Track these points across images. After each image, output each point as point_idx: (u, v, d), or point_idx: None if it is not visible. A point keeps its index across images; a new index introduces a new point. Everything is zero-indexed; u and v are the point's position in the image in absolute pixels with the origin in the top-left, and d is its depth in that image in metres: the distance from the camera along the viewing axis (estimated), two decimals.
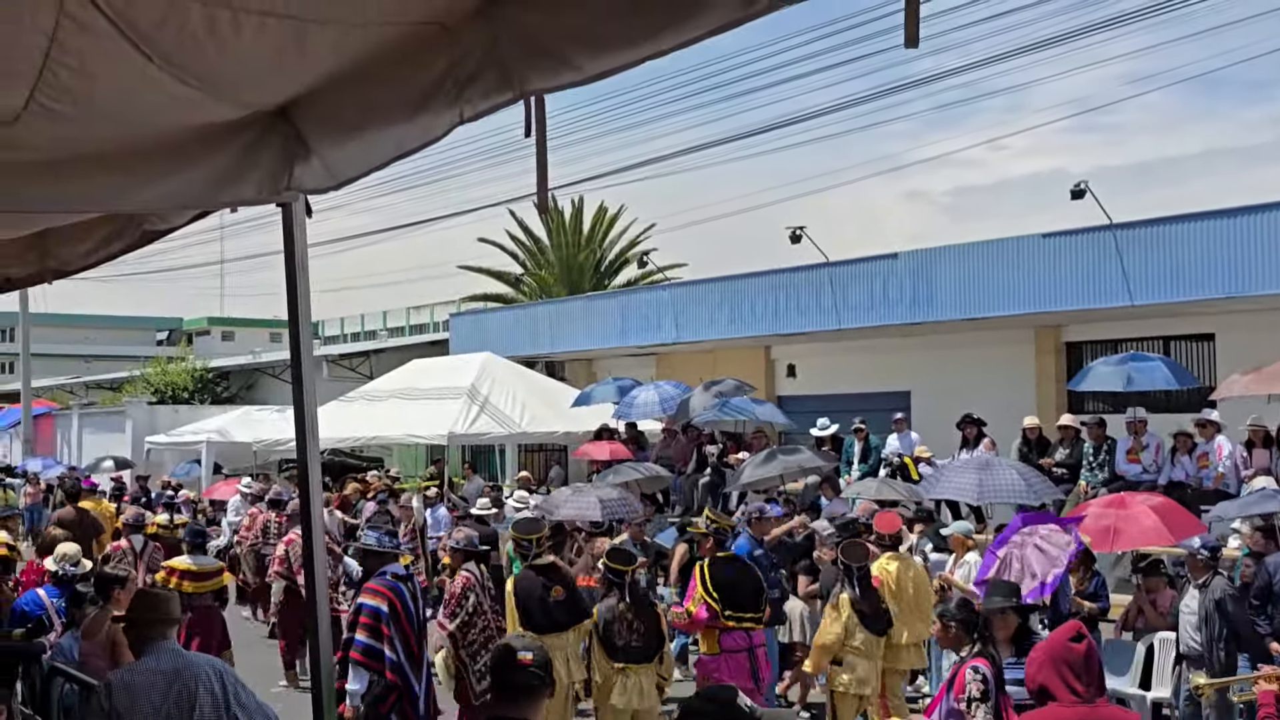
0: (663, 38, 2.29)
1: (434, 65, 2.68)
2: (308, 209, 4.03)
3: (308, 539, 4.24)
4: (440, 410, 20.66)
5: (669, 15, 2.24)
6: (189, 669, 5.35)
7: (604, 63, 2.44)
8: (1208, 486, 13.58)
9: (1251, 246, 14.65)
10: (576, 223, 38.68)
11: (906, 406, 19.77)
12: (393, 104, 2.89)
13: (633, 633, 8.55)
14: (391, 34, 2.71)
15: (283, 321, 4.69)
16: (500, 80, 2.60)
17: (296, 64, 2.90)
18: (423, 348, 30.46)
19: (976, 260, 17.53)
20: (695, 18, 2.20)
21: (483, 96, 2.66)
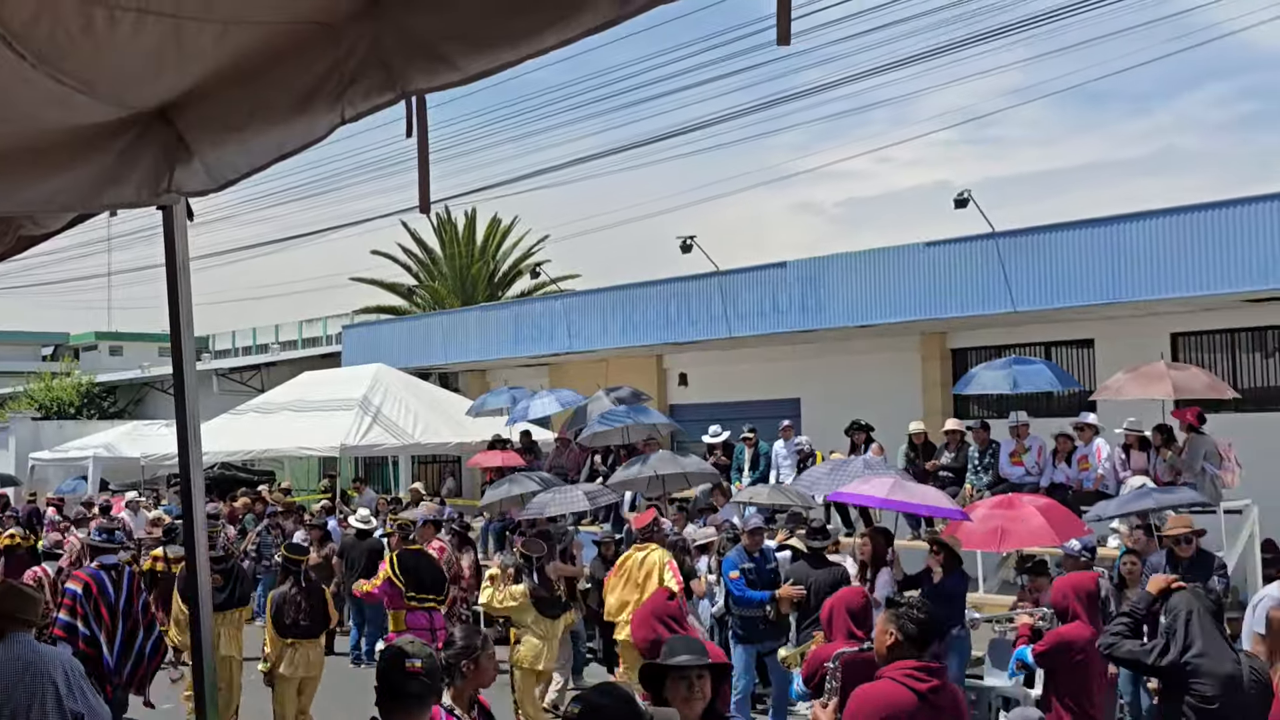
0: (543, 37, 2.29)
1: (316, 65, 2.67)
2: (189, 212, 3.97)
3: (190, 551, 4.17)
4: (332, 422, 20.47)
5: (549, 14, 2.24)
6: (41, 661, 5.99)
7: (484, 62, 2.44)
8: (1088, 488, 13.96)
9: (1128, 254, 15.10)
10: (470, 234, 38.54)
11: (796, 413, 20.04)
12: (274, 104, 2.87)
13: (300, 613, 10.13)
14: (273, 33, 2.69)
15: None
16: (382, 80, 2.59)
17: (176, 63, 2.86)
18: (315, 360, 30.09)
19: (863, 269, 17.83)
20: (574, 16, 2.21)
21: (364, 97, 2.65)
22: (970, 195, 16.28)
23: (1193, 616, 5.87)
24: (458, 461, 24.49)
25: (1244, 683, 5.73)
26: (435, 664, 4.55)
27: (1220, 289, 14.44)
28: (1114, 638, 6.24)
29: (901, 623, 5.16)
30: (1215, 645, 5.82)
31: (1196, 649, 5.78)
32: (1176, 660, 5.81)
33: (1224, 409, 14.65)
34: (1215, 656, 5.76)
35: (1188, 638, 5.83)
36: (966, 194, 16.32)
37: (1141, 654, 6.07)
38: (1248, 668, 5.78)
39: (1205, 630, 5.84)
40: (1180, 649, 5.82)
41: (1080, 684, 7.11)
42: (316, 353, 34.84)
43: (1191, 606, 5.93)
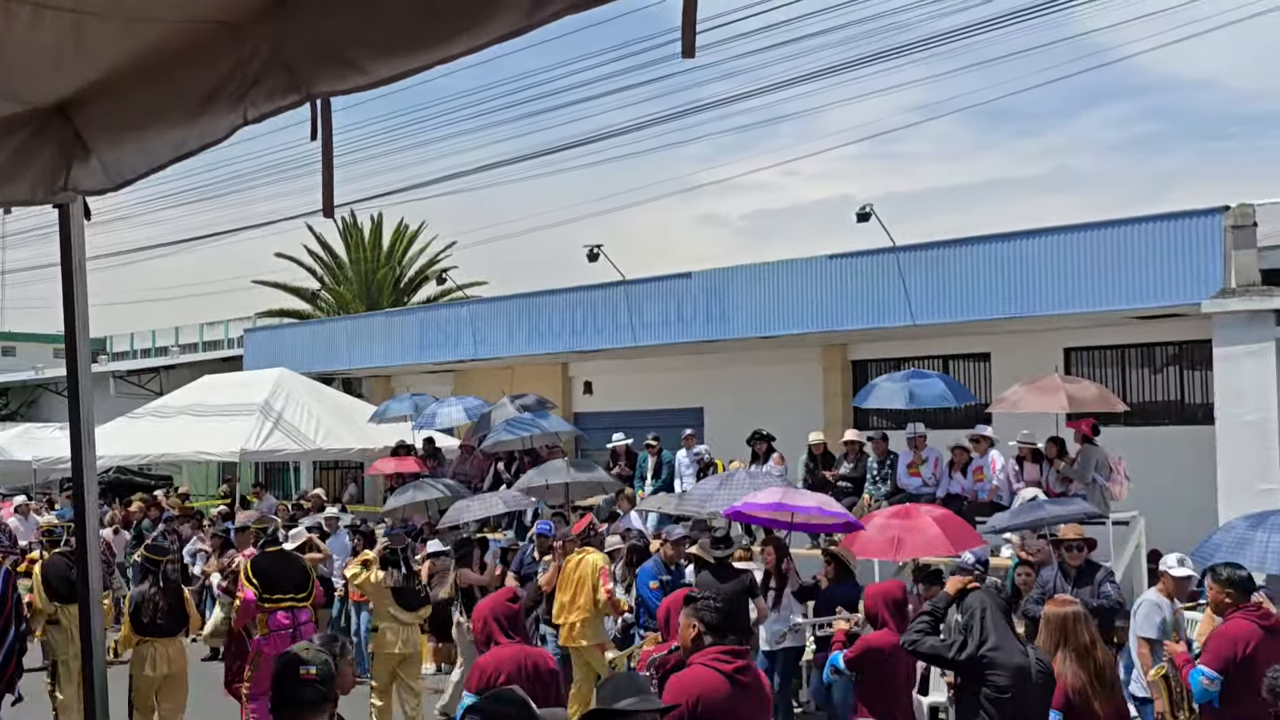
0: (452, 43, 2.29)
1: (218, 65, 2.65)
2: (86, 211, 3.91)
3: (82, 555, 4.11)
4: (232, 427, 20.16)
5: (458, 21, 2.25)
6: None
7: (392, 67, 2.43)
8: (983, 499, 14.24)
9: (1025, 270, 15.43)
10: (376, 239, 38.21)
11: (700, 423, 20.17)
12: (174, 104, 2.84)
13: (158, 612, 10.33)
14: (174, 31, 2.67)
15: None
16: (286, 82, 2.58)
17: (75, 59, 2.83)
18: (216, 364, 29.60)
19: (767, 280, 18.00)
20: (483, 24, 2.22)
21: (267, 98, 2.63)
22: (872, 209, 16.50)
23: (986, 614, 6.33)
24: (360, 467, 24.25)
25: (1032, 674, 6.19)
26: (330, 670, 4.52)
27: (1112, 306, 14.82)
28: (917, 635, 6.60)
29: (701, 614, 5.65)
30: (1006, 640, 6.28)
31: (991, 643, 6.22)
32: (973, 654, 6.22)
33: (1113, 423, 15.04)
34: (1007, 650, 6.22)
35: (983, 633, 6.25)
36: (868, 208, 16.54)
37: (942, 649, 6.45)
38: (1034, 659, 6.26)
39: (998, 626, 6.29)
40: (976, 644, 6.24)
41: (886, 688, 7.46)
42: (217, 356, 34.28)
43: (985, 605, 6.39)
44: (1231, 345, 13.39)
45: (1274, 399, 13.08)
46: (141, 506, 19.55)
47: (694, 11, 2.05)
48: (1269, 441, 13.09)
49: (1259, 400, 13.17)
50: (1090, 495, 13.10)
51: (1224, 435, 13.45)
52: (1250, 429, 13.20)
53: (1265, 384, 13.14)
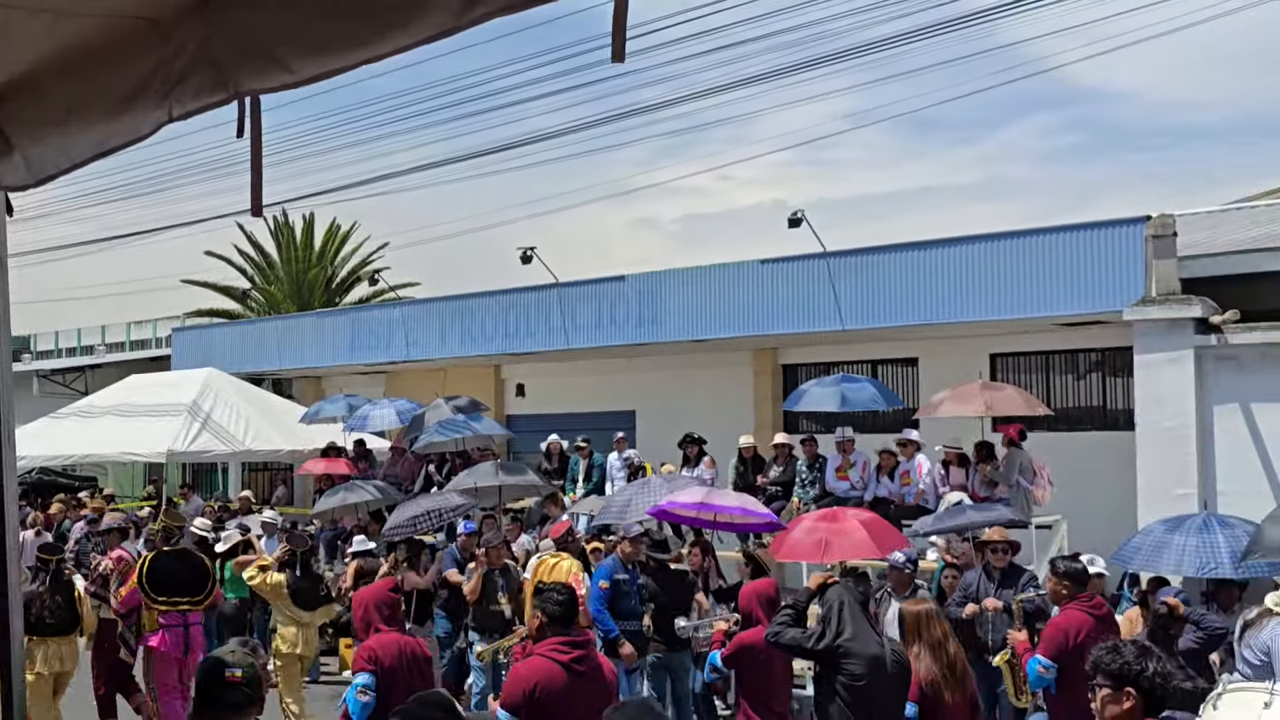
0: (380, 43, 2.30)
1: (142, 61, 2.64)
2: (8, 207, 3.88)
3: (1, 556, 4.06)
4: (159, 427, 19.89)
5: (386, 20, 2.25)
6: None
7: (320, 66, 2.42)
8: (909, 502, 14.44)
9: (952, 276, 15.61)
10: (307, 239, 37.86)
11: (632, 426, 20.22)
12: (97, 100, 2.83)
13: (47, 610, 10.48)
14: (100, 27, 2.66)
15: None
16: (213, 80, 2.57)
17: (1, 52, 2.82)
18: (143, 363, 29.15)
19: (700, 284, 18.07)
20: (412, 24, 2.22)
21: (193, 96, 2.62)
22: (803, 215, 16.64)
23: (844, 606, 6.71)
24: (290, 469, 24.02)
25: (887, 664, 6.58)
26: (256, 674, 4.49)
27: (1036, 313, 15.05)
28: (779, 627, 6.97)
29: (545, 606, 6.07)
30: (863, 631, 6.67)
31: (848, 634, 6.60)
32: (830, 644, 6.61)
33: (1038, 428, 15.28)
34: (863, 640, 6.61)
35: (840, 624, 6.63)
36: (800, 214, 16.68)
37: (802, 640, 6.81)
38: (890, 650, 6.66)
39: (855, 618, 6.67)
40: (834, 634, 6.62)
41: (764, 683, 7.81)
42: (145, 355, 33.74)
43: (843, 598, 6.78)
44: (1151, 353, 13.67)
45: (1192, 406, 13.37)
46: (61, 507, 19.22)
47: (624, 16, 2.07)
48: (1186, 448, 13.37)
49: (1177, 407, 13.45)
50: (1014, 499, 13.32)
51: (1144, 441, 13.72)
52: (1168, 435, 13.48)
53: (1183, 391, 13.42)
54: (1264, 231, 16.17)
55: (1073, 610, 7.99)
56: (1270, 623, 8.85)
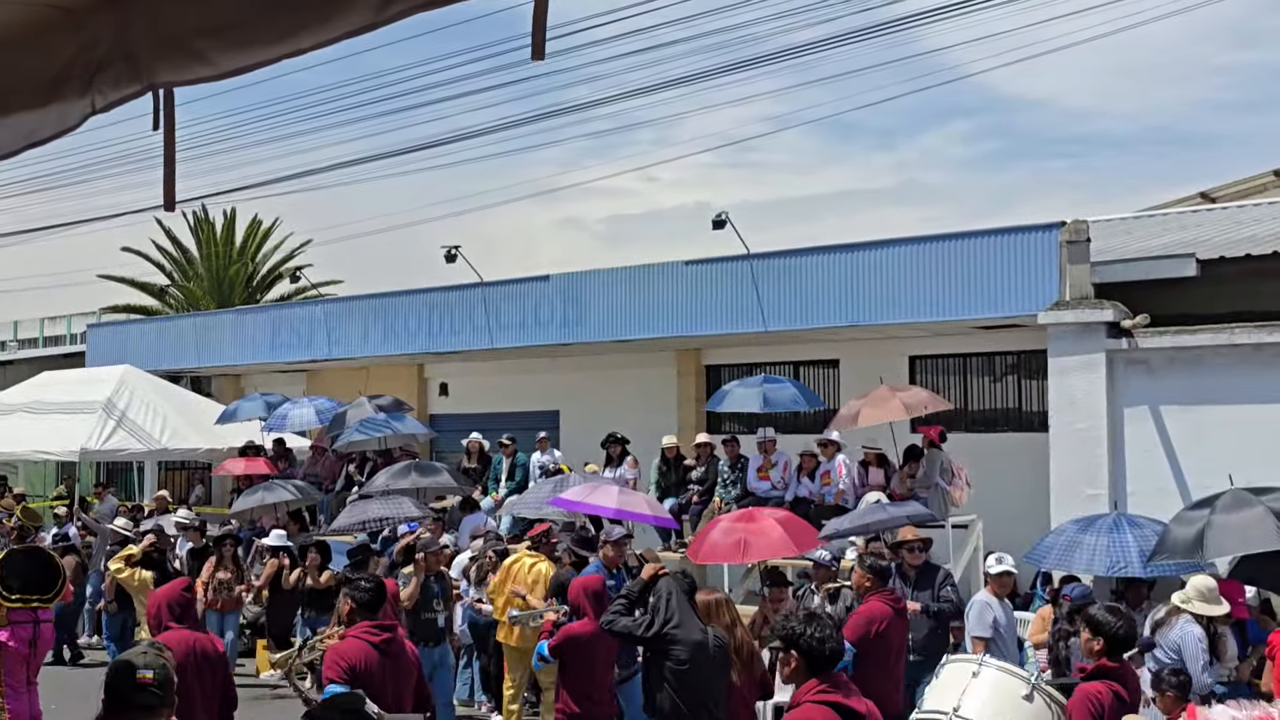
0: (300, 37, 2.26)
1: (61, 51, 2.61)
2: None
3: None
4: (72, 425, 19.52)
5: (306, 14, 2.22)
6: None
7: (238, 59, 2.40)
8: (829, 502, 14.60)
9: (872, 279, 15.78)
10: (228, 234, 37.35)
11: (556, 425, 20.21)
12: (23, 90, 2.79)
13: None
14: (18, 14, 2.63)
15: None
16: (129, 71, 2.55)
17: None
18: (56, 360, 28.57)
19: (624, 284, 18.11)
20: (331, 18, 2.20)
21: (112, 87, 2.60)
22: (727, 217, 16.73)
23: (672, 596, 7.29)
24: (208, 468, 23.69)
25: (710, 649, 7.18)
26: (169, 676, 4.45)
27: (955, 315, 15.26)
28: (613, 615, 7.50)
29: (355, 594, 6.68)
30: (688, 619, 7.25)
31: (674, 622, 7.19)
32: (659, 631, 7.18)
33: (955, 429, 15.51)
34: (687, 628, 7.20)
35: (668, 613, 7.21)
36: (724, 216, 16.77)
37: (633, 627, 7.37)
38: (712, 637, 7.26)
39: (681, 607, 7.26)
40: (662, 622, 7.20)
41: (586, 673, 8.14)
42: (58, 352, 33.12)
43: (671, 589, 7.34)
44: (1065, 356, 13.94)
45: (1103, 408, 13.65)
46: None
47: (544, 14, 2.07)
48: (1098, 449, 13.65)
49: (1089, 409, 13.73)
50: (931, 499, 13.52)
51: (1057, 442, 13.98)
52: (1080, 436, 13.76)
53: (1095, 393, 13.70)
54: (1174, 238, 16.56)
55: (875, 602, 8.77)
56: (1179, 621, 9.10)
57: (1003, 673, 6.64)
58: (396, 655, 6.52)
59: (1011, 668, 6.91)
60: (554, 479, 13.96)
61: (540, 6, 2.08)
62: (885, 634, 8.57)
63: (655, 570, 7.74)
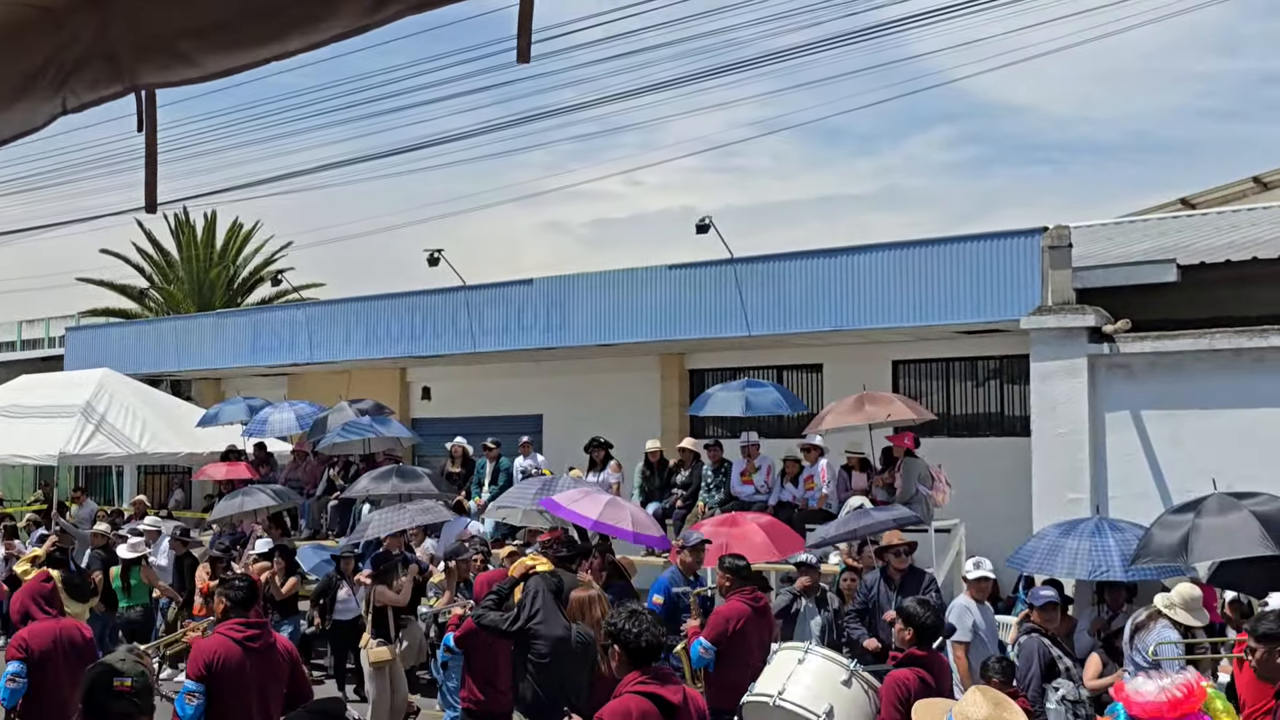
0: (287, 39, 2.24)
1: (38, 51, 2.58)
2: None
3: None
4: (50, 429, 19.38)
5: (294, 16, 2.19)
6: None
7: (224, 61, 2.37)
8: (812, 507, 14.61)
9: (856, 284, 15.80)
10: (209, 237, 37.21)
11: (539, 430, 20.17)
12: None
13: None
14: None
15: None
16: (110, 72, 2.52)
17: None
18: (35, 363, 28.37)
19: (608, 289, 18.08)
20: (321, 20, 2.17)
21: (89, 87, 2.56)
22: (711, 221, 16.71)
23: (539, 594, 7.77)
24: (187, 473, 23.57)
25: (572, 644, 7.61)
26: (147, 683, 4.42)
27: (937, 320, 15.29)
28: (483, 610, 7.97)
29: (228, 593, 7.00)
30: (552, 615, 7.71)
31: (539, 618, 7.65)
32: (523, 626, 7.65)
33: (937, 433, 15.54)
34: (550, 624, 7.67)
35: (533, 609, 7.69)
36: (708, 220, 16.75)
37: (500, 621, 7.79)
38: (575, 633, 7.68)
39: (546, 604, 7.73)
40: (527, 617, 7.67)
41: (490, 663, 8.47)
42: (37, 355, 32.90)
43: (539, 587, 7.84)
44: (1047, 360, 13.97)
45: (1085, 412, 13.69)
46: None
47: (530, 17, 2.05)
48: (1079, 453, 13.69)
49: (1071, 413, 13.76)
50: (915, 507, 13.52)
51: (1039, 447, 14.02)
52: (1062, 441, 13.79)
53: (1077, 398, 13.74)
54: (1155, 244, 16.64)
55: (735, 601, 9.08)
56: (1157, 625, 9.11)
57: (826, 660, 7.22)
58: (264, 652, 6.74)
59: (834, 655, 7.43)
60: (540, 479, 13.93)
61: (526, 9, 2.05)
62: (743, 631, 8.85)
63: (525, 568, 8.20)
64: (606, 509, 11.53)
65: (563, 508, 11.81)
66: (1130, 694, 4.13)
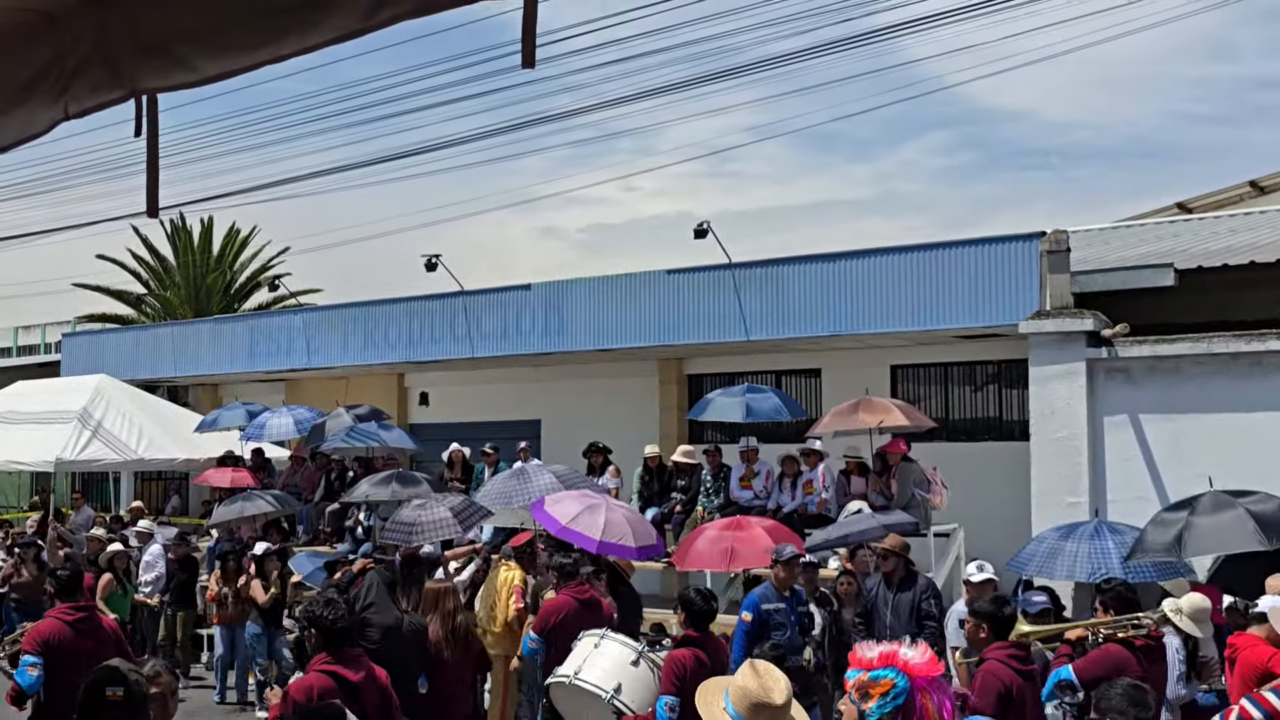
0: (284, 43, 2.24)
1: (36, 55, 2.57)
2: None
3: None
4: (47, 435, 19.37)
5: (290, 20, 2.20)
6: None
7: (221, 65, 2.36)
8: (811, 511, 14.60)
9: (854, 289, 15.80)
10: (205, 242, 37.16)
11: (537, 435, 20.15)
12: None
13: None
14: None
15: None
16: (109, 76, 2.51)
17: None
18: (31, 370, 28.39)
19: (606, 294, 18.06)
20: (318, 23, 2.17)
21: (89, 93, 2.56)
22: (709, 226, 16.70)
23: (373, 586, 8.89)
24: (185, 478, 23.55)
25: (404, 631, 8.65)
26: (141, 691, 4.41)
27: (936, 325, 15.29)
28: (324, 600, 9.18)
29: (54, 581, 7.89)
30: (384, 604, 8.91)
31: (373, 609, 8.80)
32: (357, 615, 8.46)
33: (936, 438, 15.53)
34: (383, 613, 8.83)
35: (366, 599, 8.85)
36: (705, 225, 16.74)
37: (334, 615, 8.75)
38: (408, 621, 8.79)
39: (379, 595, 8.89)
40: (361, 607, 8.78)
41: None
42: (33, 361, 32.90)
43: (374, 580, 8.99)
44: (1045, 365, 13.96)
45: (1083, 416, 13.69)
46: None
47: (534, 22, 2.04)
48: (1078, 458, 13.68)
49: (1069, 417, 13.76)
50: (913, 511, 13.52)
51: (1037, 451, 14.01)
52: (1061, 445, 13.79)
53: (1075, 402, 13.74)
54: (1152, 249, 16.64)
55: (562, 594, 9.95)
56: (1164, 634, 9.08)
57: (618, 644, 8.05)
58: (92, 631, 7.58)
59: (626, 640, 8.19)
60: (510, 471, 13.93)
61: (530, 15, 2.05)
62: (564, 623, 9.46)
63: (364, 564, 9.39)
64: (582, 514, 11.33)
65: (543, 511, 11.66)
66: (902, 661, 4.17)
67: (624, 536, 11.33)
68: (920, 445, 14.81)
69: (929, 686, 3.95)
